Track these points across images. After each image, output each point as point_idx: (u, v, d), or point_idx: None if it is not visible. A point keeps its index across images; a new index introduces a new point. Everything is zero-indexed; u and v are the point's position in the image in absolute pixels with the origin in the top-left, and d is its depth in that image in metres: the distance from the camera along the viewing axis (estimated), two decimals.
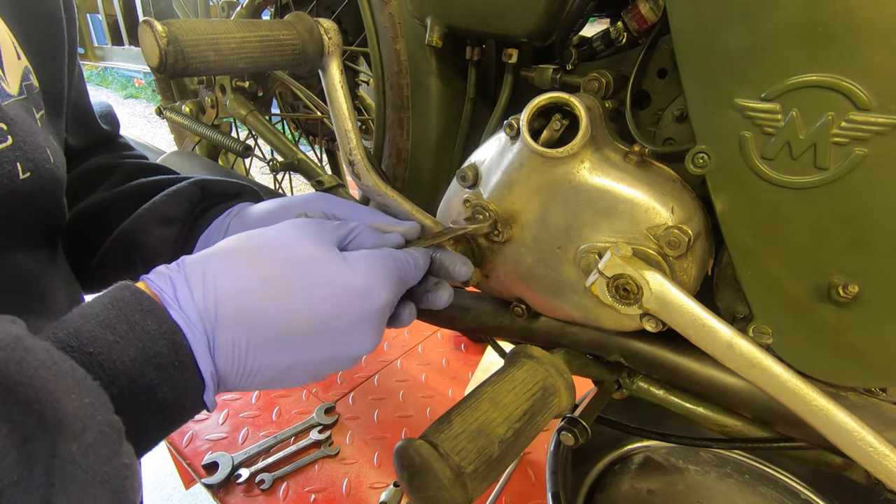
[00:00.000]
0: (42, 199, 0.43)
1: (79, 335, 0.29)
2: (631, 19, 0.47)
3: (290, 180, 1.21)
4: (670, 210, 0.43)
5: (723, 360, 0.41)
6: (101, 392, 0.27)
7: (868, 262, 0.38)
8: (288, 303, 0.36)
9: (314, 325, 0.37)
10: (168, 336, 0.32)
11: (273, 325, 0.36)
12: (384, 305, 0.41)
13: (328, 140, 1.13)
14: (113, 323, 0.30)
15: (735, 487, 0.82)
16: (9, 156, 0.38)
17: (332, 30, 0.51)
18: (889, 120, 0.34)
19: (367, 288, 0.39)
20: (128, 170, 0.59)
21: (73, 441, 0.24)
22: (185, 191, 0.53)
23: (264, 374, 0.37)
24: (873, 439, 0.38)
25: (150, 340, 0.31)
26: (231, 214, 0.52)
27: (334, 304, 0.38)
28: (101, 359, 0.29)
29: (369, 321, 0.40)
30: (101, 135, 0.64)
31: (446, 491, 0.32)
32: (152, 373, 0.31)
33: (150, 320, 0.32)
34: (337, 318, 0.38)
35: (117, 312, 0.31)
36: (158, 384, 0.31)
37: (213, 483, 0.87)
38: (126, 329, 0.31)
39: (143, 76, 5.83)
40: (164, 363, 0.31)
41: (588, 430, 0.52)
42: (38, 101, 0.44)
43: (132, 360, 0.30)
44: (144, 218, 0.51)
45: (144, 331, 0.31)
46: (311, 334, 0.37)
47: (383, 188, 0.59)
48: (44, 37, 0.46)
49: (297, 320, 0.37)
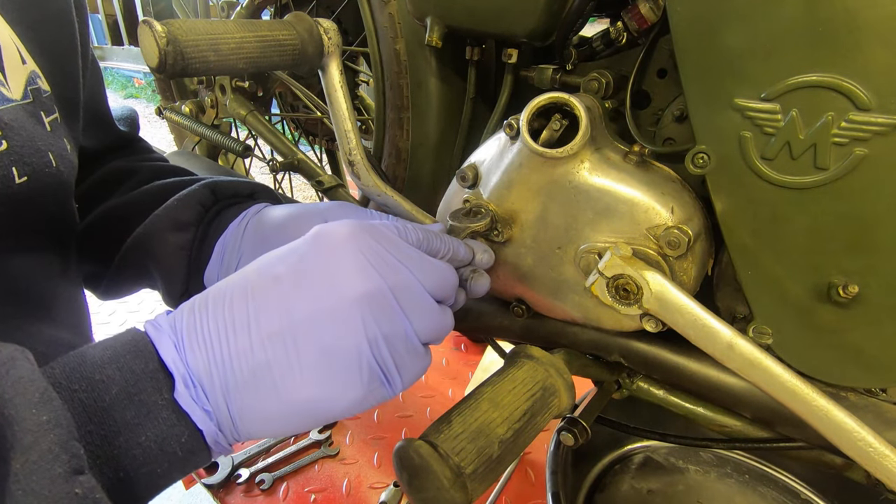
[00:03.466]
0: (44, 204, 0.43)
1: (71, 374, 0.29)
2: (631, 19, 0.47)
3: (290, 180, 1.21)
4: (670, 210, 0.43)
5: (723, 361, 0.41)
6: (64, 414, 0.26)
7: (868, 262, 0.38)
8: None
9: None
10: (153, 374, 0.30)
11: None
12: None
13: (328, 140, 1.13)
14: (105, 364, 0.30)
15: (735, 487, 0.82)
16: (3, 160, 0.38)
17: (331, 30, 0.51)
18: (889, 120, 0.34)
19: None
20: (145, 173, 0.58)
21: (21, 457, 0.23)
22: (196, 194, 0.52)
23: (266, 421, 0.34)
24: (873, 439, 0.38)
25: (133, 380, 0.30)
26: (247, 217, 0.51)
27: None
28: (83, 396, 0.28)
29: None
30: (120, 137, 0.63)
31: (446, 491, 0.32)
32: (132, 411, 0.29)
33: (139, 361, 0.30)
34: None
35: (112, 353, 0.30)
36: (138, 424, 0.29)
37: (213, 483, 0.87)
38: (114, 370, 0.30)
39: (143, 76, 5.83)
40: (147, 401, 0.30)
41: (588, 430, 0.52)
42: (49, 105, 0.43)
43: (112, 398, 0.29)
44: (157, 224, 0.50)
45: (131, 371, 0.30)
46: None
47: (383, 188, 0.59)
48: (56, 42, 0.46)
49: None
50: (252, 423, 0.32)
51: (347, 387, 0.33)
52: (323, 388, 0.33)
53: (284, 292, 0.33)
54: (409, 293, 0.35)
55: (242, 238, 0.50)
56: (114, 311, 1.60)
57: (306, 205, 0.51)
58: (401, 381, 0.35)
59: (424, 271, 0.37)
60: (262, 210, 0.52)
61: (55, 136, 0.43)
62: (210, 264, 0.51)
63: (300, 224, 0.48)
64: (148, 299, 1.67)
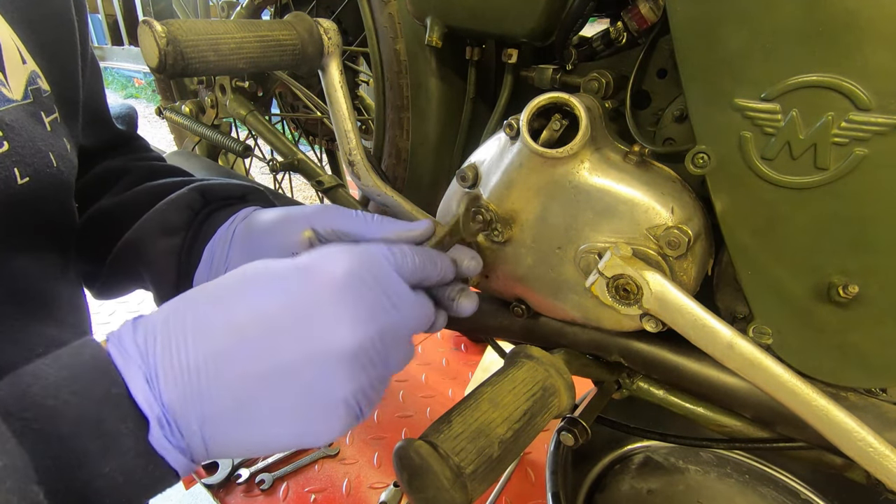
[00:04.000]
0: (45, 204, 0.42)
1: (22, 398, 0.26)
2: (631, 19, 0.47)
3: (290, 180, 1.21)
4: (670, 210, 0.43)
5: (723, 361, 0.41)
6: (21, 455, 0.24)
7: (868, 263, 0.38)
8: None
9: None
10: (116, 401, 0.28)
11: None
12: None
13: (328, 140, 1.13)
14: (60, 386, 0.27)
15: (735, 487, 0.82)
16: (4, 161, 0.37)
17: (331, 30, 0.51)
18: (889, 120, 0.34)
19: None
20: (140, 172, 0.58)
21: None
22: (186, 198, 0.52)
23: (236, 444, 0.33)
24: (873, 439, 0.38)
25: (93, 406, 0.28)
26: (235, 221, 0.51)
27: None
28: (36, 426, 0.26)
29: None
30: (117, 136, 0.63)
31: (446, 491, 0.32)
32: (93, 441, 0.27)
33: (99, 384, 0.28)
34: None
35: (69, 374, 0.28)
36: (101, 456, 0.28)
37: (213, 483, 0.87)
38: (69, 393, 0.27)
39: (143, 76, 5.82)
40: (110, 430, 0.28)
41: (588, 430, 0.52)
42: (49, 104, 0.43)
43: (70, 427, 0.27)
44: (146, 228, 0.50)
45: (90, 395, 0.28)
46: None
47: (383, 188, 0.59)
48: (55, 41, 0.46)
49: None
50: (226, 449, 0.32)
51: (328, 424, 0.33)
52: (302, 426, 0.33)
53: (272, 330, 0.32)
54: (394, 336, 0.35)
55: (230, 243, 0.50)
56: (114, 312, 1.60)
57: (293, 209, 0.50)
58: (370, 412, 0.36)
59: (412, 311, 0.37)
60: (250, 214, 0.51)
61: (55, 136, 0.43)
62: (199, 268, 0.51)
63: (287, 230, 0.47)
64: (148, 299, 1.66)
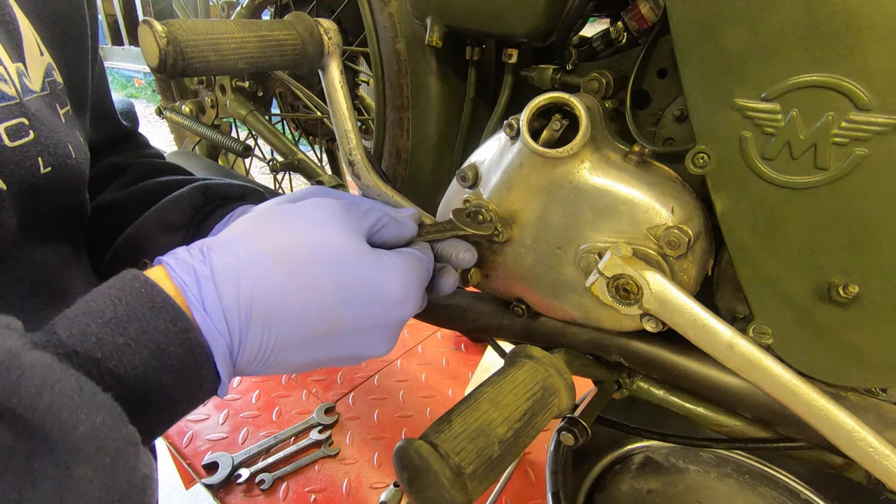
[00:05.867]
0: (63, 194, 0.43)
1: (84, 337, 0.27)
2: (631, 19, 0.47)
3: (290, 180, 1.21)
4: (670, 210, 0.43)
5: (723, 360, 0.41)
6: (113, 406, 0.25)
7: (868, 262, 0.38)
8: (319, 304, 0.35)
9: (342, 327, 0.36)
10: (183, 335, 0.30)
11: (302, 326, 0.35)
12: (411, 313, 0.41)
13: (328, 140, 1.13)
14: (122, 322, 0.28)
15: (735, 487, 0.82)
16: (30, 150, 0.38)
17: (331, 30, 0.51)
18: (889, 120, 0.34)
19: (402, 298, 0.39)
20: (141, 169, 0.58)
21: (88, 463, 0.23)
22: (188, 196, 0.52)
23: (281, 368, 0.36)
24: (873, 439, 0.38)
25: (164, 342, 0.29)
26: (232, 218, 0.52)
27: (364, 308, 0.37)
28: (111, 364, 0.27)
29: (394, 327, 0.40)
30: (121, 131, 0.64)
31: (446, 491, 0.32)
32: (167, 376, 0.29)
33: (163, 318, 0.29)
34: (363, 320, 0.37)
35: (126, 309, 0.29)
36: (173, 386, 0.30)
37: (213, 483, 0.87)
38: (137, 330, 0.28)
39: (143, 76, 5.83)
40: (179, 365, 0.30)
41: (588, 430, 0.52)
42: (63, 97, 0.44)
43: (145, 364, 0.28)
44: (148, 225, 0.51)
45: (157, 330, 0.29)
46: (336, 336, 0.37)
47: (383, 188, 0.59)
48: (68, 35, 0.46)
49: (325, 321, 0.36)
50: (282, 351, 0.35)
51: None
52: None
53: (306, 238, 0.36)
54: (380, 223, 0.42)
55: None
56: None
57: (286, 196, 0.51)
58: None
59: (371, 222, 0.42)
60: (244, 210, 0.52)
61: (70, 128, 0.44)
62: None
63: None
64: None
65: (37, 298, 0.41)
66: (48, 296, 0.43)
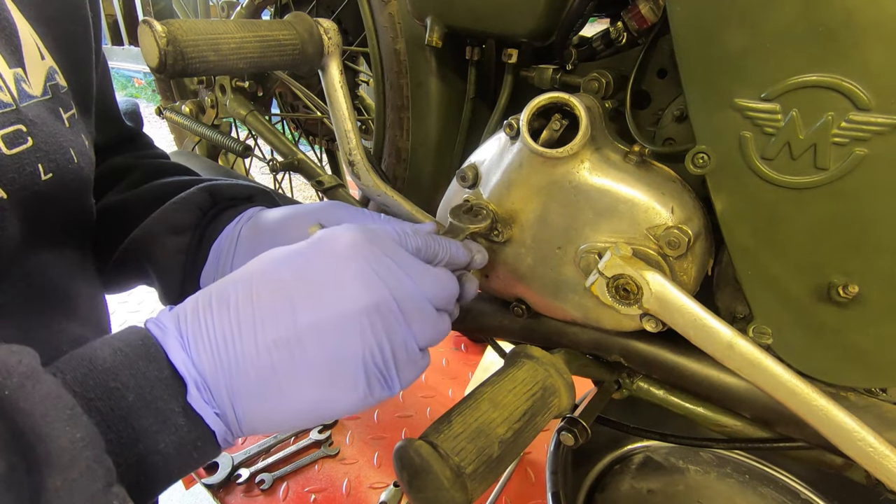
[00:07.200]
0: (67, 200, 0.43)
1: (84, 380, 0.29)
2: (631, 19, 0.47)
3: (290, 180, 1.21)
4: (670, 210, 0.43)
5: (723, 360, 0.41)
6: (93, 430, 0.26)
7: (868, 263, 0.38)
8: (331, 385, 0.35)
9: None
10: (167, 381, 0.31)
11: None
12: None
13: (328, 140, 1.13)
14: (118, 370, 0.30)
15: (735, 487, 0.82)
16: (29, 157, 0.38)
17: (331, 30, 0.51)
18: (889, 120, 0.34)
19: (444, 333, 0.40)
20: (146, 170, 0.58)
21: (59, 475, 0.24)
22: (195, 197, 0.52)
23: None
24: (873, 439, 0.38)
25: (149, 387, 0.30)
26: (242, 221, 0.51)
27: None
28: (100, 405, 0.28)
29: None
30: (125, 132, 0.63)
31: (446, 491, 0.32)
32: (150, 419, 0.30)
33: (153, 367, 0.30)
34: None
35: (124, 358, 0.30)
36: (156, 432, 0.30)
37: (213, 483, 0.87)
38: (129, 376, 0.30)
39: (143, 76, 5.83)
40: (164, 409, 0.30)
41: (588, 430, 0.52)
42: (67, 100, 0.44)
43: (129, 405, 0.29)
44: (154, 227, 0.50)
45: (145, 377, 0.30)
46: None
47: (383, 188, 0.59)
48: (71, 37, 0.46)
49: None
50: (256, 423, 0.33)
51: (349, 390, 0.34)
52: (325, 391, 0.34)
53: (289, 298, 0.33)
54: (412, 303, 0.36)
55: (237, 243, 0.50)
56: (114, 312, 1.58)
57: (299, 207, 0.51)
58: (399, 384, 0.36)
59: (426, 280, 0.38)
60: (256, 214, 0.52)
61: (74, 132, 0.43)
62: (206, 267, 0.51)
63: (293, 227, 0.48)
64: (148, 299, 1.67)
65: (41, 305, 0.41)
66: (53, 302, 0.42)
